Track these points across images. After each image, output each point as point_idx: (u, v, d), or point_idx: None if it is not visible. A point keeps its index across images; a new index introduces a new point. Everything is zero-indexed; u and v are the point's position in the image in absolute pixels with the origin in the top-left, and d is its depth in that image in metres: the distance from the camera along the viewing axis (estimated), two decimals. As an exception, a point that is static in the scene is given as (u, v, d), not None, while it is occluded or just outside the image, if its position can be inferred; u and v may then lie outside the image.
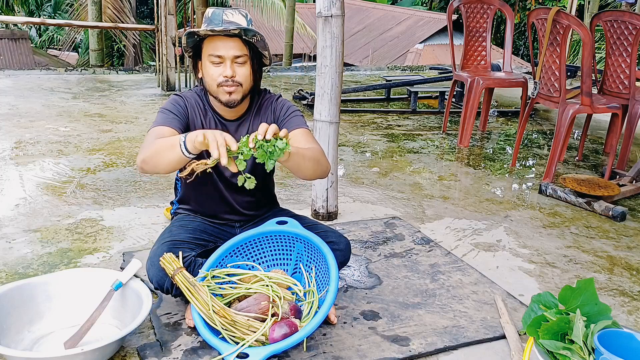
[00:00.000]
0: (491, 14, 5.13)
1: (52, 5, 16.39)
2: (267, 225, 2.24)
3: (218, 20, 2.05)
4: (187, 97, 2.21)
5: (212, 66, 2.08)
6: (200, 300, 1.92)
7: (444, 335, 2.19)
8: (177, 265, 1.98)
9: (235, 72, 2.07)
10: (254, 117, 2.25)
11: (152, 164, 1.92)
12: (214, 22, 2.06)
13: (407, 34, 15.75)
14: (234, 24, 2.05)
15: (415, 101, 6.28)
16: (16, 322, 2.04)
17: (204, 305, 1.91)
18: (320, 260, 2.15)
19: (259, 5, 13.53)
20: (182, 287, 1.95)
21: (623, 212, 3.48)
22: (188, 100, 2.20)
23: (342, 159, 4.43)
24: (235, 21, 2.06)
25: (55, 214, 3.19)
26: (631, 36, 4.17)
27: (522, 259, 2.94)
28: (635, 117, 4.29)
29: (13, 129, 4.81)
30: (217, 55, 2.06)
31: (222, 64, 2.07)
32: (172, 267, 1.98)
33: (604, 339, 1.83)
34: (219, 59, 2.06)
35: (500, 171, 4.40)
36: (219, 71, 2.07)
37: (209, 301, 1.91)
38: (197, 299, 1.92)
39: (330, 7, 2.94)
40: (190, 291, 1.94)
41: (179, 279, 1.95)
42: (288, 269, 2.25)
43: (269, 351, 1.79)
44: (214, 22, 2.06)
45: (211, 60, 2.07)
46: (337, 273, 2.00)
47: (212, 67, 2.08)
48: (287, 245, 2.24)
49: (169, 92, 6.61)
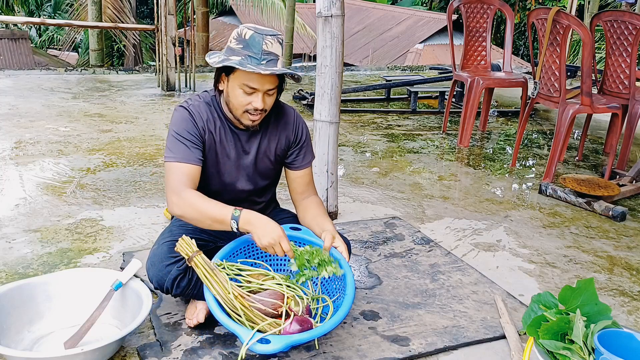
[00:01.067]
0: (491, 14, 5.14)
1: (52, 5, 16.39)
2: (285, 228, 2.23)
3: (257, 49, 1.97)
4: (194, 111, 2.12)
5: (242, 93, 2.03)
6: (220, 284, 1.90)
7: (444, 335, 2.19)
8: (194, 248, 1.97)
9: (266, 102, 2.05)
10: (270, 131, 2.22)
11: (192, 222, 2.04)
12: (252, 49, 1.97)
13: (407, 34, 15.74)
14: (272, 55, 1.99)
15: (415, 101, 6.28)
16: (16, 322, 2.04)
17: (223, 289, 1.89)
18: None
19: (259, 5, 13.52)
20: (200, 270, 1.93)
21: (623, 212, 3.48)
22: (196, 116, 2.11)
23: (342, 159, 4.43)
24: (273, 51, 2.00)
25: (55, 214, 3.19)
26: (631, 36, 4.17)
27: (522, 259, 2.94)
28: (635, 117, 4.29)
29: (13, 129, 4.81)
30: (251, 87, 2.01)
31: (253, 94, 2.02)
32: (191, 250, 1.96)
33: (604, 339, 1.83)
34: (251, 89, 2.01)
35: (500, 171, 4.40)
36: (248, 99, 2.03)
37: (228, 286, 1.90)
38: (217, 282, 1.90)
39: (330, 7, 2.94)
40: (209, 274, 1.91)
41: (197, 261, 1.93)
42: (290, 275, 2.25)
43: (291, 340, 1.79)
44: (253, 50, 1.97)
45: (243, 88, 2.01)
46: (353, 279, 2.04)
47: (242, 95, 2.03)
48: None
49: (169, 92, 6.61)
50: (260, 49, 1.98)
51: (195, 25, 9.02)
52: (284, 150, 2.27)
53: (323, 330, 1.86)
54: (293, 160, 2.29)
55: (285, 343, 1.77)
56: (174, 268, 2.04)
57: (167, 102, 6.20)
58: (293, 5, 10.28)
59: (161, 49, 6.57)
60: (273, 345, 1.76)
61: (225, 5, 18.37)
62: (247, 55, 1.98)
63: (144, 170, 3.98)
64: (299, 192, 2.31)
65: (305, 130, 2.31)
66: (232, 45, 2.02)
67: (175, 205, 2.02)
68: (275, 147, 2.24)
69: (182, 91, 6.67)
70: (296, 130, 2.27)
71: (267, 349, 1.75)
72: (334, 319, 1.89)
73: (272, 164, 2.27)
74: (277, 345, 1.76)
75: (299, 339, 1.81)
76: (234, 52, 2.00)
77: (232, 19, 19.02)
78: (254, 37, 1.98)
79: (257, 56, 1.98)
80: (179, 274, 2.05)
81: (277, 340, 1.77)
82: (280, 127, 2.23)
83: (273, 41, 2.00)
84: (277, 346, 1.76)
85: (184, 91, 6.67)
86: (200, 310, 2.14)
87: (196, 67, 7.43)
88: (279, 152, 2.25)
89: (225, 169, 2.19)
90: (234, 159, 2.19)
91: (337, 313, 1.92)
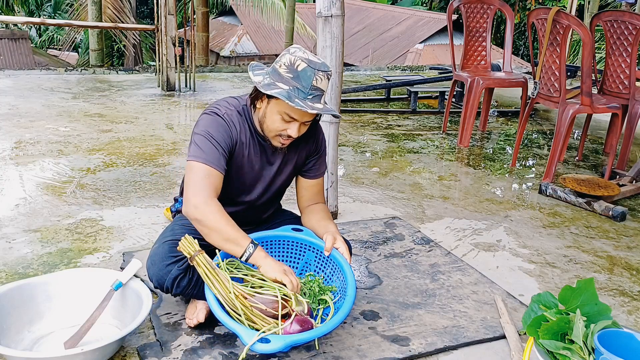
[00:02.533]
0: (491, 14, 5.14)
1: (52, 5, 16.40)
2: (282, 230, 2.25)
3: (307, 83, 1.94)
4: (229, 120, 2.09)
5: (280, 119, 2.00)
6: (221, 283, 1.90)
7: (444, 335, 2.19)
8: (196, 248, 1.96)
9: (301, 132, 2.05)
10: (293, 145, 2.20)
11: (202, 231, 1.98)
12: (302, 82, 1.94)
13: (407, 34, 15.75)
14: (319, 90, 1.97)
15: (415, 101, 6.28)
16: (16, 322, 2.04)
17: (224, 288, 1.89)
18: (331, 270, 2.16)
19: (259, 5, 13.52)
20: (202, 269, 1.92)
21: (623, 212, 3.48)
22: (230, 125, 2.09)
23: (342, 159, 4.43)
24: (321, 87, 1.97)
25: (55, 214, 3.19)
26: (631, 36, 4.17)
27: (522, 259, 2.94)
28: (635, 117, 4.29)
29: (13, 129, 4.81)
30: (291, 117, 1.99)
31: (291, 122, 2.01)
32: (193, 249, 1.95)
33: (604, 339, 1.83)
34: (290, 119, 2.00)
35: (500, 171, 4.40)
36: (285, 126, 2.02)
37: (229, 285, 1.90)
38: (219, 281, 1.90)
39: (330, 7, 2.94)
40: (211, 273, 1.91)
41: (199, 260, 1.93)
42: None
43: (291, 340, 1.79)
44: (302, 83, 1.94)
45: (282, 115, 2.00)
46: (354, 280, 2.04)
47: (279, 121, 2.01)
48: (297, 252, 2.25)
49: (169, 92, 6.60)
50: (310, 84, 1.95)
51: (195, 25, 9.03)
52: (304, 160, 2.28)
53: (323, 331, 1.86)
54: (309, 168, 2.30)
55: (285, 343, 1.77)
56: (174, 267, 2.04)
57: (167, 102, 6.20)
58: (293, 5, 10.28)
59: (161, 49, 6.57)
60: (273, 345, 1.76)
61: (225, 5, 18.38)
62: (295, 87, 1.95)
63: (144, 170, 3.98)
64: (306, 200, 2.32)
65: (324, 140, 2.33)
66: (282, 72, 1.98)
67: (195, 208, 1.96)
68: (296, 159, 2.25)
69: (182, 91, 6.67)
70: (317, 141, 2.28)
71: (267, 348, 1.75)
72: (334, 320, 1.89)
73: (291, 173, 2.29)
74: (276, 344, 1.76)
75: (299, 338, 1.81)
76: (282, 79, 1.97)
77: (232, 19, 19.04)
78: (306, 72, 1.95)
79: (305, 90, 1.95)
80: (180, 273, 2.05)
81: (277, 340, 1.77)
82: (303, 139, 2.23)
83: (323, 77, 1.97)
84: (276, 345, 1.76)
85: (184, 91, 6.67)
86: (200, 310, 2.14)
87: (196, 67, 7.43)
88: (299, 163, 2.27)
89: (247, 177, 2.20)
90: (257, 169, 2.19)
91: (338, 314, 1.92)
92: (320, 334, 1.87)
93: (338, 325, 1.91)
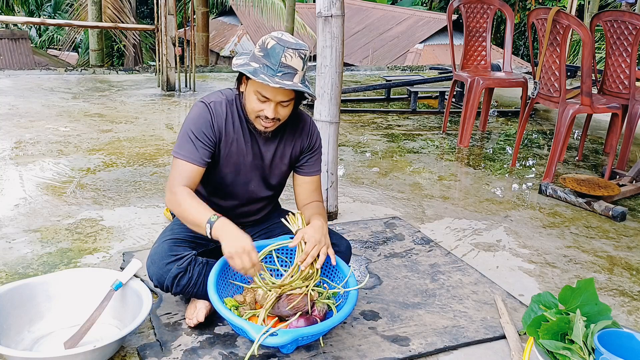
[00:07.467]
0: (491, 14, 5.13)
1: (52, 5, 16.40)
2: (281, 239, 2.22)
3: (275, 60, 1.95)
4: (213, 109, 2.11)
5: (256, 100, 2.02)
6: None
7: (444, 335, 2.19)
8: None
9: (278, 112, 2.04)
10: (287, 137, 2.22)
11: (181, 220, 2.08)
12: (271, 59, 1.95)
13: (407, 34, 15.74)
14: (290, 68, 1.96)
15: (415, 101, 6.28)
16: (16, 322, 2.04)
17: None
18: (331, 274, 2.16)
19: (259, 5, 13.50)
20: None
21: (623, 212, 3.48)
22: (214, 113, 2.10)
23: (342, 159, 4.43)
24: (292, 65, 1.96)
25: (55, 214, 3.19)
26: (631, 36, 4.17)
27: (522, 259, 2.94)
28: (635, 117, 4.28)
29: (13, 129, 4.81)
30: (264, 96, 2.00)
31: (266, 103, 2.01)
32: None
33: (604, 339, 1.83)
34: (264, 98, 2.00)
35: (500, 171, 4.40)
36: (261, 107, 2.02)
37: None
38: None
39: (330, 7, 2.94)
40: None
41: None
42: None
43: (296, 334, 1.82)
44: (271, 60, 1.95)
45: (257, 95, 2.01)
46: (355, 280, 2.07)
47: (255, 101, 2.02)
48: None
49: (169, 92, 6.61)
50: (279, 60, 1.96)
51: (195, 25, 9.03)
52: (298, 155, 2.29)
53: (331, 324, 1.88)
54: (302, 165, 2.30)
55: (292, 336, 1.80)
56: (174, 266, 2.05)
57: (167, 102, 6.20)
58: (293, 5, 10.27)
59: (161, 49, 6.57)
60: (280, 338, 1.78)
61: (225, 5, 18.38)
62: (265, 64, 1.97)
63: (144, 170, 3.98)
64: (303, 198, 2.32)
65: (320, 138, 2.34)
66: (255, 52, 2.01)
67: (167, 200, 2.10)
68: (291, 153, 2.26)
69: (182, 91, 6.67)
70: (311, 137, 2.29)
71: (275, 341, 1.78)
72: (340, 314, 1.92)
73: (286, 168, 2.30)
74: (284, 337, 1.78)
75: (307, 332, 1.84)
76: (255, 59, 2.00)
77: (232, 19, 19.03)
78: (275, 48, 1.96)
79: (273, 67, 1.96)
80: (179, 272, 2.05)
81: (284, 333, 1.80)
82: (296, 134, 2.25)
83: (294, 55, 1.96)
84: (284, 338, 1.78)
85: (184, 91, 6.67)
86: (200, 310, 2.14)
87: (196, 67, 7.43)
88: (293, 157, 2.28)
89: (241, 168, 2.21)
90: (250, 159, 2.20)
91: (343, 308, 1.95)
92: (328, 328, 1.89)
93: (344, 319, 1.94)
